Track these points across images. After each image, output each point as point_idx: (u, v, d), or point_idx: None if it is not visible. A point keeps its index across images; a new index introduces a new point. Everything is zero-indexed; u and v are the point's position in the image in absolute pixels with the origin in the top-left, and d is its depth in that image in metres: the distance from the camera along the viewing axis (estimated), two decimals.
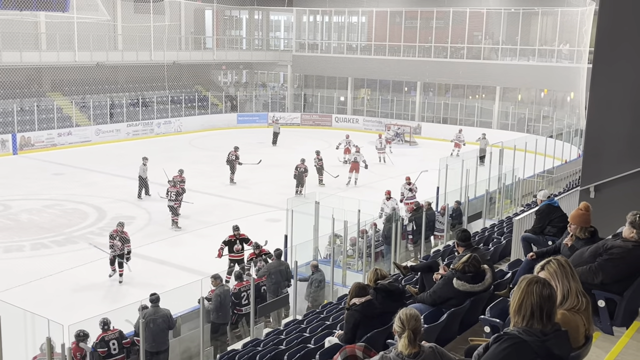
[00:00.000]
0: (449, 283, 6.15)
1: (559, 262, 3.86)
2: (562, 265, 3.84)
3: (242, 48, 43.88)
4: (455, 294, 6.11)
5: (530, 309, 3.22)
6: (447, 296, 6.16)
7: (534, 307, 3.21)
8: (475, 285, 6.10)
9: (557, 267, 3.83)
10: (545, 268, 3.85)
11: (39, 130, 30.53)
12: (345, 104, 41.51)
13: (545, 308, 3.22)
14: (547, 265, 3.86)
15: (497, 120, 36.40)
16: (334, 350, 5.65)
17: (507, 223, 13.71)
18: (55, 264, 15.60)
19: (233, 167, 24.50)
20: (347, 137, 29.51)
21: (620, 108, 8.85)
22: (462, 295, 6.10)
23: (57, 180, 24.37)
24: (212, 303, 11.03)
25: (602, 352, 4.62)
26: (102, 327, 9.80)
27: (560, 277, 3.79)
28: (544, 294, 3.23)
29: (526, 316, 3.23)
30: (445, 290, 6.18)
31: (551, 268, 3.83)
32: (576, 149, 27.65)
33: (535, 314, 3.21)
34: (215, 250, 14.64)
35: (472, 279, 6.11)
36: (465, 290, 6.08)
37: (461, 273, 6.12)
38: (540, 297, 3.22)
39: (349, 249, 14.66)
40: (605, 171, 8.90)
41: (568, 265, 3.87)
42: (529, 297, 3.24)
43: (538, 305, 3.21)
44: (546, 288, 3.26)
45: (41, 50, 32.32)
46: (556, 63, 34.34)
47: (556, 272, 3.80)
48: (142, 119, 35.05)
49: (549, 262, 3.87)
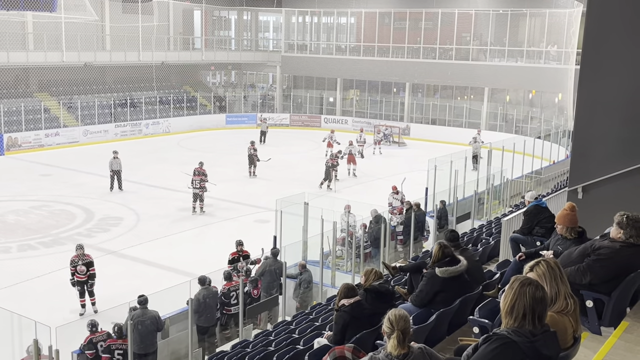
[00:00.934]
0: (433, 276, 6.27)
1: (548, 264, 3.86)
2: (551, 267, 3.85)
3: (230, 49, 43.80)
4: (442, 284, 6.20)
5: (523, 311, 3.21)
6: (434, 290, 6.23)
7: (527, 309, 3.21)
8: (456, 267, 6.28)
9: (546, 269, 3.83)
10: (534, 270, 3.85)
11: (26, 130, 30.34)
12: (334, 104, 41.53)
13: (538, 310, 3.22)
14: (536, 266, 3.86)
15: (485, 121, 36.54)
16: (323, 352, 5.63)
17: (496, 224, 13.76)
18: (42, 265, 15.50)
19: (252, 161, 25.44)
20: (332, 132, 30.44)
21: (607, 109, 8.89)
22: (448, 283, 6.19)
23: (44, 181, 24.22)
24: (193, 306, 10.86)
25: (591, 353, 4.63)
26: (90, 329, 9.75)
27: (549, 279, 3.80)
28: (536, 296, 3.23)
29: (518, 318, 3.22)
30: (431, 284, 6.26)
31: (540, 270, 3.83)
32: (564, 150, 27.79)
33: (527, 315, 3.21)
34: (207, 251, 14.57)
35: (451, 263, 6.32)
36: (450, 276, 6.21)
37: (439, 263, 6.32)
38: (533, 299, 3.21)
39: (338, 249, 14.66)
40: (593, 172, 8.93)
41: (557, 267, 3.88)
42: (521, 298, 3.23)
43: (530, 307, 3.21)
44: (539, 290, 3.26)
45: (28, 51, 32.13)
46: (544, 64, 34.52)
47: (545, 274, 3.81)
48: (130, 120, 34.91)
49: (538, 264, 3.87)
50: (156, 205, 21.08)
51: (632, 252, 4.91)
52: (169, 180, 24.22)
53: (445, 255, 6.39)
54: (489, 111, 36.64)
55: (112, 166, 22.46)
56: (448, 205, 17.16)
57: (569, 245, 5.77)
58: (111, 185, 22.52)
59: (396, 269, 7.91)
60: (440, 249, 6.47)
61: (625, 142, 8.77)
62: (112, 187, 22.52)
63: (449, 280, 6.20)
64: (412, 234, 15.15)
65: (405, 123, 37.92)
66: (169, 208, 20.78)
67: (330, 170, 23.80)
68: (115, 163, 22.44)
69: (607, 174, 8.72)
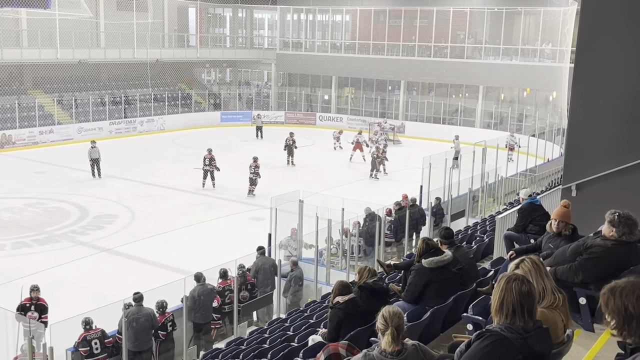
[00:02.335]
0: (420, 268, 6.34)
1: (532, 261, 3.92)
2: (536, 264, 3.91)
3: (225, 46, 43.73)
4: (429, 274, 6.25)
5: (512, 307, 3.24)
6: (423, 281, 6.28)
7: (515, 304, 3.24)
8: (441, 256, 6.35)
9: (531, 266, 3.89)
10: (519, 267, 3.91)
11: (20, 128, 30.24)
12: (330, 102, 41.52)
13: (526, 305, 3.24)
14: (521, 264, 3.93)
15: (480, 119, 36.59)
16: (317, 349, 5.65)
17: (490, 221, 13.78)
18: (36, 263, 15.46)
19: (291, 151, 27.52)
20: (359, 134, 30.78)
21: (601, 107, 8.93)
22: (436, 273, 6.26)
23: (38, 179, 24.16)
24: (188, 303, 10.91)
25: (583, 350, 4.66)
26: (84, 326, 9.73)
27: (534, 275, 3.85)
28: (523, 290, 3.26)
29: (508, 314, 3.25)
30: (419, 276, 6.31)
31: (525, 267, 3.89)
32: (558, 148, 27.85)
33: (516, 311, 3.24)
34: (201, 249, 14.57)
35: (436, 254, 6.39)
36: (437, 266, 6.28)
37: (425, 255, 6.38)
38: (520, 294, 3.25)
39: (333, 247, 14.67)
40: (586, 170, 8.97)
41: (541, 263, 3.94)
42: (509, 295, 3.26)
43: (518, 303, 3.24)
44: (525, 285, 3.29)
45: (22, 48, 31.99)
46: (539, 62, 34.58)
47: (530, 271, 3.87)
48: (124, 117, 34.83)
49: (523, 261, 3.94)
50: (151, 202, 21.06)
51: (624, 250, 4.94)
52: (164, 178, 24.20)
53: (430, 247, 6.48)
54: (484, 109, 36.69)
55: (91, 154, 24.27)
56: (443, 203, 17.20)
57: (560, 243, 5.80)
58: (92, 173, 24.22)
59: (390, 267, 7.93)
60: (423, 242, 6.57)
61: (618, 140, 8.81)
62: (93, 174, 24.21)
63: (436, 270, 6.27)
64: (407, 231, 15.16)
65: (400, 121, 37.93)
66: (163, 206, 20.76)
67: (376, 161, 25.64)
68: (93, 152, 24.28)
69: (600, 171, 8.76)
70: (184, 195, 21.61)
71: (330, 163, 28.35)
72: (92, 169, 24.30)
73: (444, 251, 6.57)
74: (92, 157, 24.25)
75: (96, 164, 24.26)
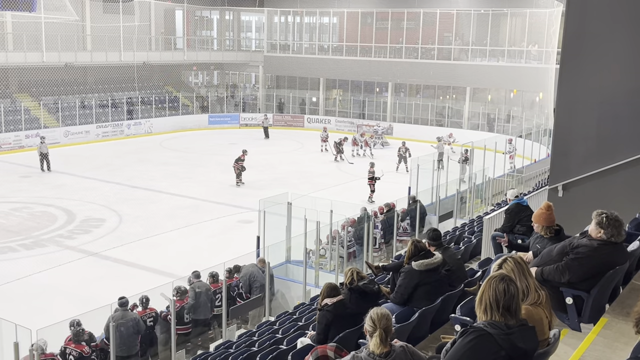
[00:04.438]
0: (410, 270, 6.34)
1: (514, 261, 4.02)
2: (518, 263, 4.02)
3: (213, 49, 43.61)
4: (419, 276, 6.27)
5: (488, 302, 3.33)
6: (412, 283, 6.29)
7: (491, 300, 3.33)
8: (431, 259, 6.36)
9: (513, 266, 3.99)
10: (502, 267, 3.99)
11: (5, 132, 30.02)
12: (318, 104, 41.53)
13: (502, 301, 3.31)
14: (504, 264, 4.02)
15: (467, 121, 36.73)
16: (306, 351, 5.63)
17: (478, 222, 13.84)
18: (23, 267, 15.35)
19: (339, 150, 29.00)
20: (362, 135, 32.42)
21: (587, 108, 8.99)
22: (425, 276, 6.27)
23: (25, 183, 23.98)
24: (189, 297, 10.93)
25: (570, 349, 4.67)
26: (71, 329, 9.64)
27: (517, 274, 3.94)
28: (499, 288, 3.34)
29: (487, 310, 3.34)
30: (409, 278, 6.32)
31: (508, 266, 3.98)
32: (545, 149, 28.02)
33: (492, 306, 3.32)
34: (190, 252, 14.52)
35: (426, 256, 6.40)
36: (427, 269, 6.29)
37: (414, 258, 6.38)
38: (496, 291, 3.33)
39: (321, 249, 14.65)
40: (573, 170, 9.03)
41: (523, 262, 4.04)
42: (486, 292, 3.37)
43: (494, 299, 3.32)
44: (502, 283, 3.37)
45: (8, 51, 31.76)
46: (525, 64, 34.77)
47: (513, 271, 3.96)
48: (112, 120, 34.66)
49: (505, 261, 4.04)
50: (138, 206, 20.96)
51: (609, 250, 4.96)
52: (151, 181, 24.10)
53: (419, 250, 6.48)
54: (471, 110, 36.83)
55: (41, 149, 25.74)
56: (430, 204, 17.23)
57: (546, 244, 5.82)
58: (41, 167, 25.63)
59: (379, 268, 7.94)
60: (412, 244, 6.57)
61: (604, 141, 8.88)
62: (42, 168, 25.61)
63: (425, 273, 6.28)
64: (395, 232, 15.18)
65: (388, 123, 38.02)
66: (151, 209, 20.67)
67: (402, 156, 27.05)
68: (43, 147, 25.81)
69: (587, 172, 8.82)
70: (172, 198, 21.51)
71: (319, 165, 28.36)
72: (41, 164, 25.64)
73: (433, 253, 6.57)
74: (42, 152, 25.70)
75: (45, 159, 25.70)
